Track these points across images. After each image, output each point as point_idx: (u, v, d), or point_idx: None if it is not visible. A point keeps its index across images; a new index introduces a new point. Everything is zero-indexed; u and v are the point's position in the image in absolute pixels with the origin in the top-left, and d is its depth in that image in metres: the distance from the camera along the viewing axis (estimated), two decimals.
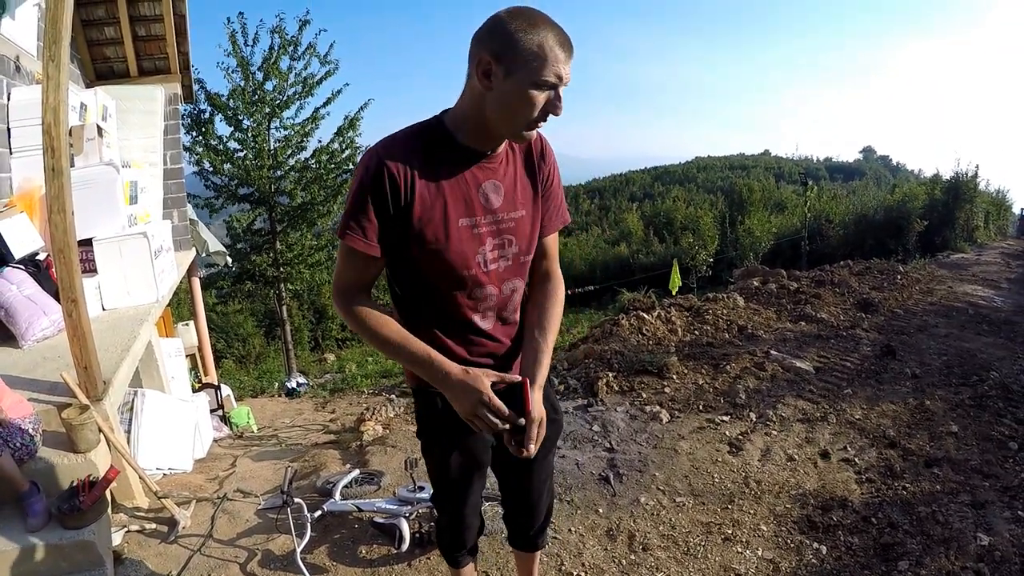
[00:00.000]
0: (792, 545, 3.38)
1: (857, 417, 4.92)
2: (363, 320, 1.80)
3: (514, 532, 2.47)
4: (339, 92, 17.09)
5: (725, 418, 4.91)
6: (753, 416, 4.93)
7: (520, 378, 1.78)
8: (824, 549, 3.32)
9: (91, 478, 3.02)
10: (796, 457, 4.32)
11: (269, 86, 16.13)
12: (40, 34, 5.47)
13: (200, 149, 16.08)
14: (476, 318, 1.89)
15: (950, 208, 22.05)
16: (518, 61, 1.59)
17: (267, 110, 16.16)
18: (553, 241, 2.07)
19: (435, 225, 1.74)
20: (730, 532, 3.50)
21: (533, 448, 1.78)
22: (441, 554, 2.42)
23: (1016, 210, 26.49)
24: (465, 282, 1.83)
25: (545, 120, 1.71)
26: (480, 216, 1.80)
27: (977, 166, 23.27)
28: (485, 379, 1.74)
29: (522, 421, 1.75)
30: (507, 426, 1.74)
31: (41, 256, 4.46)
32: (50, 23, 2.89)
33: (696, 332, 7.29)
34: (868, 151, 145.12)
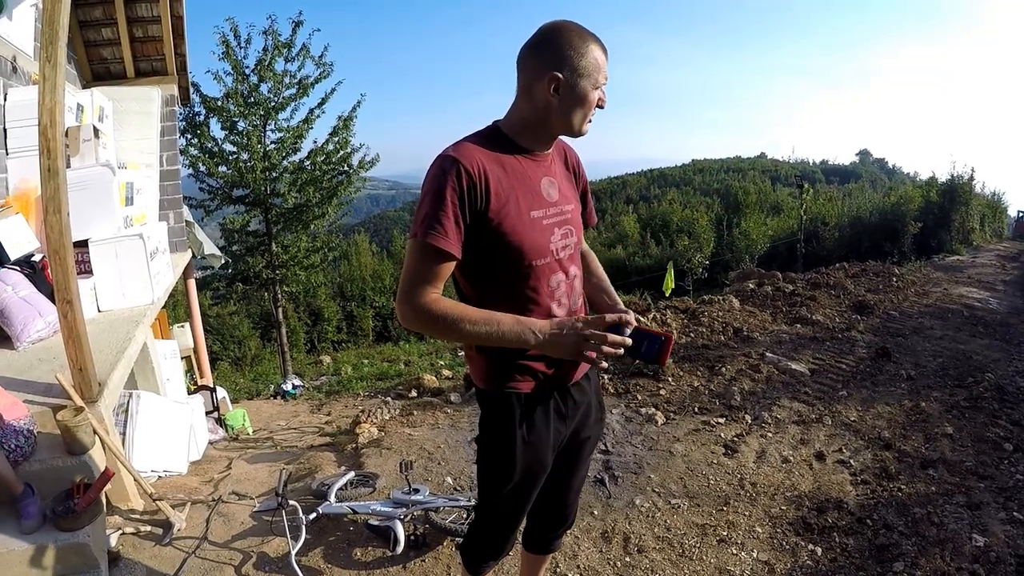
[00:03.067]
0: (787, 547, 3.39)
1: (852, 419, 4.94)
2: (441, 310, 1.82)
3: (536, 533, 2.47)
4: (333, 91, 17.01)
5: (720, 420, 4.91)
6: (748, 418, 4.94)
7: (659, 331, 1.94)
8: (819, 550, 3.33)
9: (86, 480, 3.02)
10: (791, 459, 4.33)
11: (264, 88, 16.11)
12: (37, 34, 5.45)
13: (194, 152, 16.05)
14: (553, 306, 2.00)
15: (946, 211, 22.14)
16: (582, 73, 1.85)
17: (262, 112, 16.12)
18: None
19: (511, 218, 1.86)
20: (725, 534, 3.50)
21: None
22: (465, 563, 2.38)
23: (1012, 212, 26.60)
24: (543, 271, 1.95)
25: (592, 117, 1.97)
26: (547, 208, 1.97)
27: (973, 169, 23.40)
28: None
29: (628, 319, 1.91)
30: (623, 339, 1.85)
31: (37, 257, 4.45)
32: (47, 24, 2.88)
33: (692, 334, 7.30)
34: (864, 154, 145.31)
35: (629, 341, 1.85)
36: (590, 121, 1.96)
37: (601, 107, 1.94)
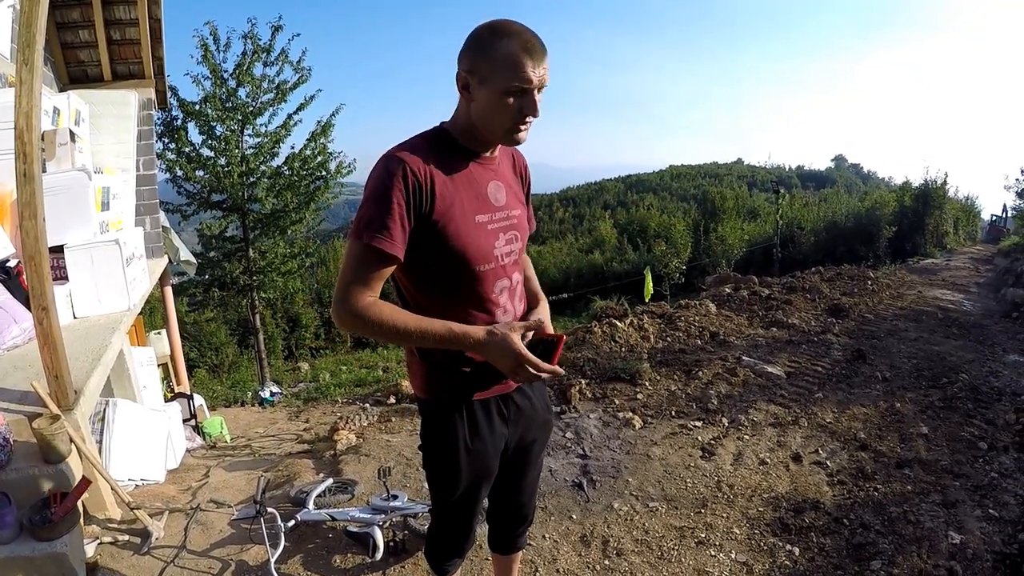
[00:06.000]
0: (765, 547, 3.41)
1: (828, 420, 4.98)
2: (378, 315, 1.79)
3: (498, 533, 2.49)
4: (312, 98, 17.06)
5: (697, 423, 4.94)
6: (725, 421, 4.98)
7: (552, 334, 1.93)
8: (797, 551, 3.36)
9: (63, 489, 2.99)
10: (768, 461, 4.36)
11: (242, 93, 16.06)
12: (14, 36, 5.40)
13: (172, 156, 15.97)
14: (497, 312, 1.97)
15: (920, 215, 22.43)
16: (487, 72, 1.74)
17: (240, 117, 16.07)
18: None
19: (456, 222, 1.83)
20: (703, 536, 3.53)
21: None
22: (430, 564, 2.40)
23: (985, 216, 27.00)
24: (487, 276, 1.92)
25: (525, 122, 1.82)
26: (492, 212, 1.93)
27: (946, 174, 23.74)
28: (515, 336, 1.83)
29: (559, 371, 1.87)
30: (545, 376, 1.84)
31: (12, 263, 4.40)
32: (24, 26, 2.86)
33: (668, 339, 7.34)
34: (840, 159, 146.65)
35: (560, 371, 1.86)
36: (522, 129, 1.84)
37: (532, 115, 1.80)
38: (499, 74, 1.73)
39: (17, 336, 4.01)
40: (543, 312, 2.12)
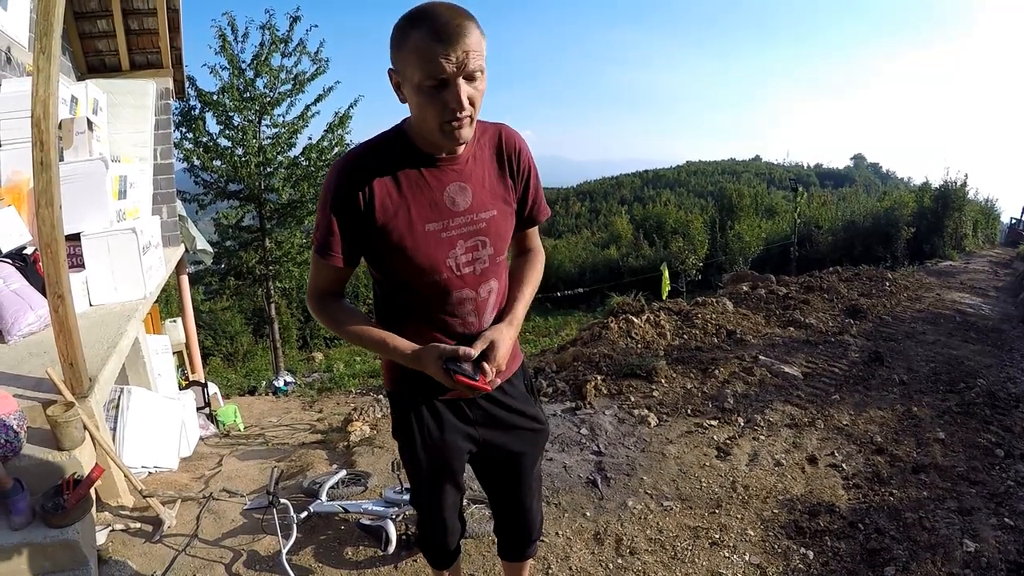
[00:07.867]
0: (779, 550, 3.38)
1: (845, 423, 4.94)
2: (331, 315, 1.92)
3: (504, 543, 2.46)
4: (331, 89, 17.12)
5: (713, 422, 4.91)
6: (741, 421, 4.94)
7: (471, 351, 1.76)
8: (811, 554, 3.33)
9: (76, 476, 3.00)
10: (784, 462, 4.32)
11: (260, 83, 16.12)
12: (32, 25, 5.42)
13: (189, 146, 16.05)
14: (455, 323, 1.88)
15: (939, 216, 22.28)
16: (404, 69, 1.59)
17: (257, 107, 16.13)
18: (535, 231, 2.12)
19: (400, 232, 1.74)
20: (717, 536, 3.50)
21: (490, 373, 1.78)
22: (424, 556, 2.44)
23: (1005, 219, 26.77)
24: (440, 287, 1.82)
25: (456, 117, 1.60)
26: (448, 219, 1.79)
27: (966, 175, 23.55)
28: (434, 367, 1.75)
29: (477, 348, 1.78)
30: (479, 380, 1.75)
31: (28, 250, 4.42)
32: (42, 14, 2.86)
33: (685, 336, 7.30)
34: (858, 158, 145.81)
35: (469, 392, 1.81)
36: (456, 125, 1.62)
37: (454, 109, 1.58)
38: (411, 69, 1.55)
39: (33, 323, 4.03)
40: (494, 333, 1.85)
